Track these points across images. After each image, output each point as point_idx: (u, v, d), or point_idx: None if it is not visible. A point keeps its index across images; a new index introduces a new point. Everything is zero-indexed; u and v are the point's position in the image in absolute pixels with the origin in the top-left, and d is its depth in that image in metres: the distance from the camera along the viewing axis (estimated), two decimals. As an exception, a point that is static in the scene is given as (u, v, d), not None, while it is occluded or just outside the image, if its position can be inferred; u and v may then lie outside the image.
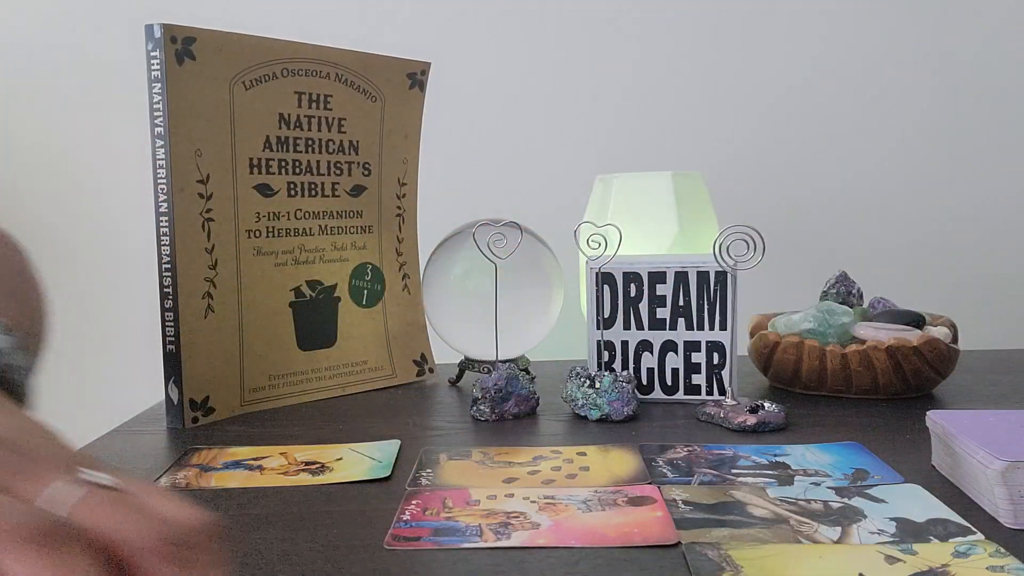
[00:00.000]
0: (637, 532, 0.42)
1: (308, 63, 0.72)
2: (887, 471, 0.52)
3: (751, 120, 1.14)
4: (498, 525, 0.44)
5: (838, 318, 0.72)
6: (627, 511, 0.45)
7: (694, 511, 0.45)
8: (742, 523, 0.44)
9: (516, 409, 0.67)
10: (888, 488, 0.49)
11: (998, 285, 1.15)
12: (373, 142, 0.78)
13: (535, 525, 0.44)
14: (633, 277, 0.70)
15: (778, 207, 1.15)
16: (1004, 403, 0.69)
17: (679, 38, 1.13)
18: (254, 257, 0.71)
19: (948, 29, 1.13)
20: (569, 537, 0.42)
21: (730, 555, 0.39)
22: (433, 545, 0.42)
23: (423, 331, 0.83)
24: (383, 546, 0.42)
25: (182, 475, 0.54)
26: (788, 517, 0.44)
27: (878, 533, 0.42)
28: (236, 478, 0.53)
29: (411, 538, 0.42)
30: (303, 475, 0.53)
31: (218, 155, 0.67)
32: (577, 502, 0.47)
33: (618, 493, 0.48)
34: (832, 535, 0.42)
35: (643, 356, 0.71)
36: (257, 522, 0.46)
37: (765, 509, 0.46)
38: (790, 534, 0.42)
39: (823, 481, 0.50)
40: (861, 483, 0.50)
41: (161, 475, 0.54)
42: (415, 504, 0.47)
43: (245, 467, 0.55)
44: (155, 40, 0.63)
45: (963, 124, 1.14)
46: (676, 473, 0.52)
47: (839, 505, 0.46)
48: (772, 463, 0.54)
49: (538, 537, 0.42)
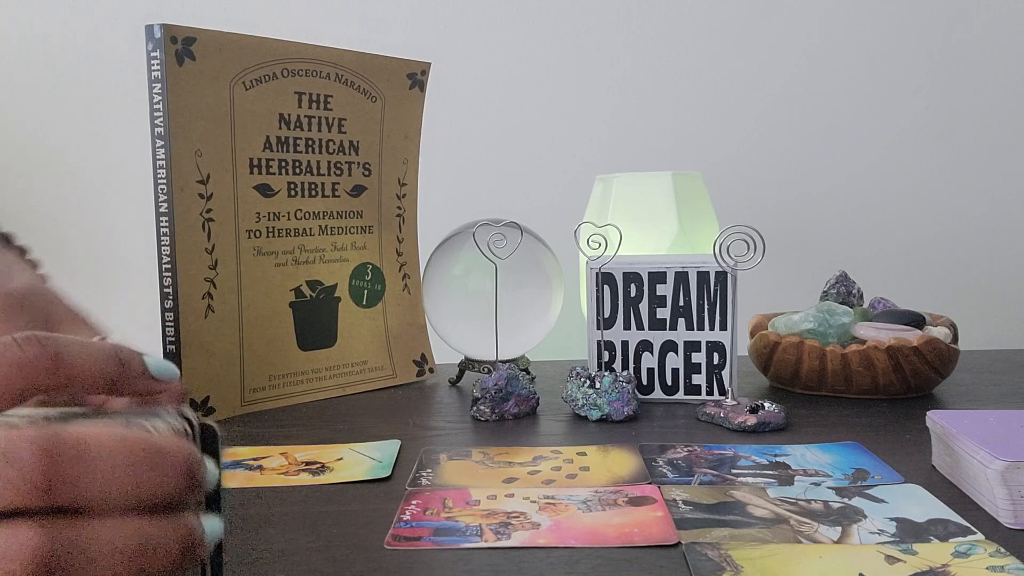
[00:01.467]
0: (637, 532, 0.42)
1: (308, 63, 0.72)
2: (887, 471, 0.52)
3: (751, 120, 1.14)
4: (498, 525, 0.44)
5: (838, 318, 0.72)
6: (627, 511, 0.45)
7: (694, 511, 0.45)
8: (742, 523, 0.44)
9: (516, 409, 0.67)
10: (888, 488, 0.49)
11: (998, 285, 1.15)
12: (373, 142, 0.78)
13: (535, 525, 0.44)
14: (633, 277, 0.70)
15: (778, 207, 1.15)
16: (1004, 403, 0.69)
17: (679, 38, 1.13)
18: (254, 257, 0.71)
19: (948, 29, 1.13)
20: (569, 537, 0.42)
21: (730, 555, 0.39)
22: (433, 545, 0.42)
23: (423, 331, 0.83)
24: (383, 546, 0.42)
25: None
26: (788, 517, 0.45)
27: (878, 533, 0.42)
28: (236, 478, 0.53)
29: (411, 538, 0.42)
30: (303, 475, 0.53)
31: (218, 155, 0.67)
32: (577, 502, 0.47)
33: (618, 493, 0.48)
34: (832, 535, 0.42)
35: (643, 356, 0.71)
36: (257, 522, 0.46)
37: (765, 509, 0.46)
38: (790, 534, 0.42)
39: (823, 481, 0.50)
40: (861, 483, 0.50)
41: None
42: (415, 504, 0.47)
43: (245, 467, 0.55)
44: (155, 40, 0.63)
45: (963, 124, 1.14)
46: (676, 473, 0.52)
47: (839, 505, 0.46)
48: (772, 463, 0.54)
49: (538, 537, 0.42)
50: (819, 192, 1.15)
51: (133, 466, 0.24)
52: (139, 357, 0.31)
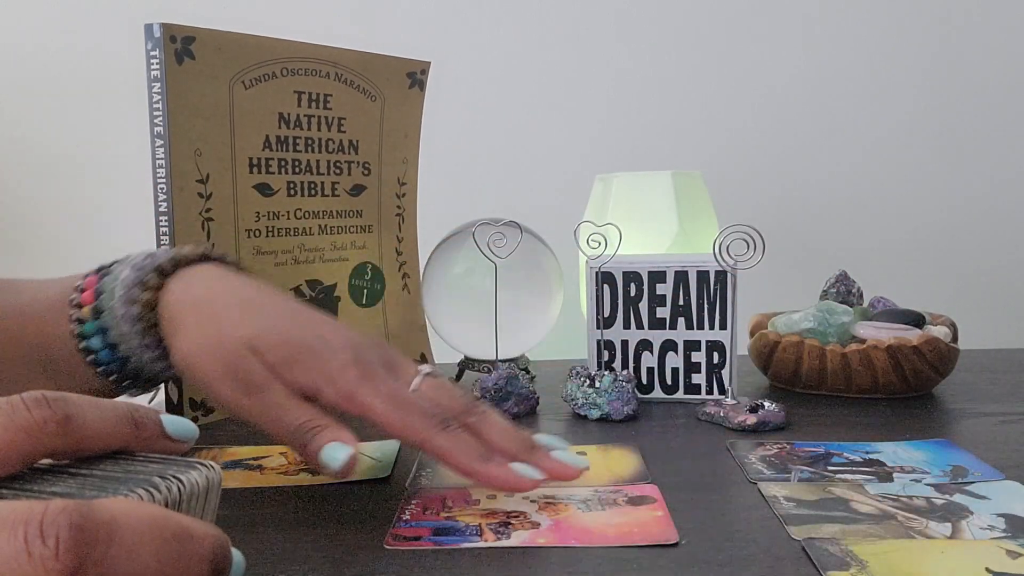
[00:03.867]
0: (637, 531, 0.42)
1: (308, 62, 0.72)
2: (985, 468, 0.51)
3: (751, 120, 1.14)
4: (498, 524, 0.44)
5: (838, 317, 0.72)
6: (627, 510, 0.45)
7: (798, 507, 0.45)
8: (850, 519, 0.43)
9: (516, 409, 0.67)
10: (988, 485, 0.48)
11: (998, 284, 1.15)
12: (373, 141, 0.78)
13: (535, 524, 0.44)
14: (633, 277, 0.70)
15: (778, 207, 1.15)
16: (1004, 402, 0.69)
17: (679, 37, 1.13)
18: (254, 257, 0.71)
19: (948, 28, 1.13)
20: (569, 536, 0.42)
21: (852, 550, 0.39)
22: (433, 545, 0.41)
23: (423, 331, 0.83)
24: (383, 546, 0.42)
25: None
26: (894, 513, 0.44)
27: (989, 529, 0.42)
28: (236, 478, 0.53)
29: (411, 537, 0.42)
30: (303, 475, 0.53)
31: (218, 155, 0.67)
32: (577, 501, 0.47)
33: (618, 492, 0.48)
34: (943, 531, 0.42)
35: (643, 356, 0.71)
36: (256, 522, 0.46)
37: (869, 505, 0.45)
38: (901, 530, 0.42)
39: (922, 478, 0.50)
40: (961, 480, 0.49)
41: None
42: (415, 504, 0.47)
43: (245, 467, 0.55)
44: (155, 40, 0.63)
45: (963, 123, 1.14)
46: (772, 470, 0.52)
47: (942, 501, 0.46)
48: (866, 460, 0.54)
49: (538, 536, 0.42)
50: (819, 191, 1.15)
51: (161, 551, 0.24)
52: (155, 418, 0.31)
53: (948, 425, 0.63)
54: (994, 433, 0.60)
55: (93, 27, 1.13)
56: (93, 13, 1.12)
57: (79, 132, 1.14)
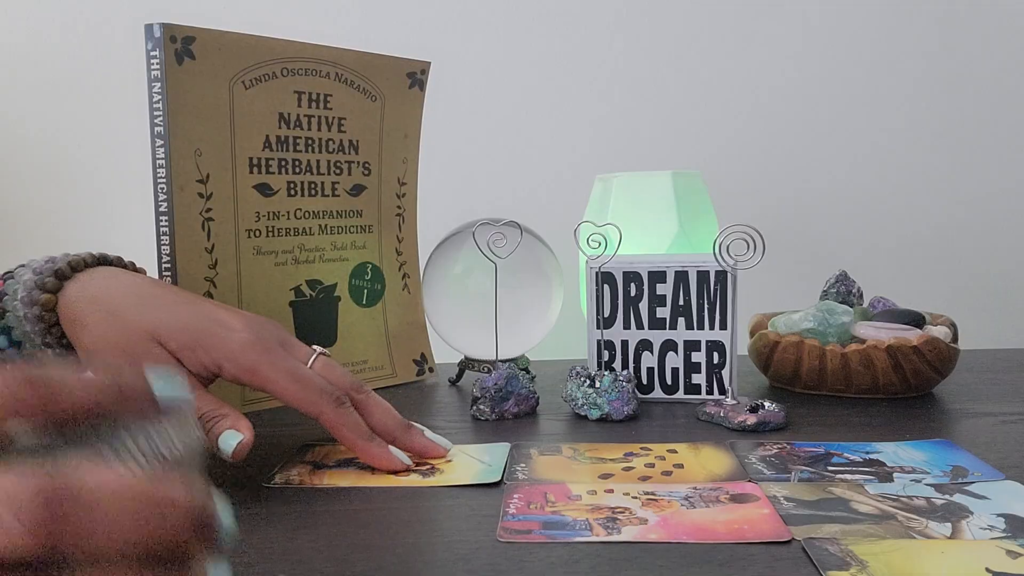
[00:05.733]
0: (748, 528, 0.42)
1: (308, 62, 0.72)
2: (985, 468, 0.51)
3: (751, 120, 1.14)
4: (605, 520, 0.44)
5: (838, 317, 0.72)
6: (732, 508, 0.46)
7: (798, 507, 0.45)
8: (850, 519, 0.44)
9: (516, 408, 0.67)
10: (988, 485, 0.49)
11: (998, 285, 1.15)
12: (373, 141, 0.78)
13: (642, 520, 0.44)
14: (633, 276, 0.70)
15: (778, 207, 1.15)
16: (1005, 403, 0.69)
17: (679, 37, 1.13)
18: (254, 257, 0.71)
19: (948, 28, 1.13)
20: (680, 533, 0.42)
21: (852, 550, 0.39)
22: (545, 539, 0.42)
23: (423, 331, 0.83)
24: (496, 539, 0.42)
25: (295, 471, 0.54)
26: (894, 513, 0.44)
27: (989, 529, 0.42)
28: (348, 477, 0.53)
29: (521, 531, 0.43)
30: (414, 476, 0.53)
31: (218, 155, 0.67)
32: (679, 498, 0.47)
33: (719, 490, 0.48)
34: (943, 531, 0.42)
35: (643, 355, 0.71)
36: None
37: (869, 505, 0.46)
38: (901, 530, 0.42)
39: (922, 478, 0.50)
40: (961, 480, 0.49)
41: (275, 471, 0.54)
42: (517, 498, 0.47)
43: (357, 466, 0.55)
44: (155, 39, 0.63)
45: (963, 123, 1.14)
46: (772, 470, 0.52)
47: (942, 501, 0.46)
48: (866, 460, 0.54)
49: (648, 532, 0.42)
50: (819, 191, 1.15)
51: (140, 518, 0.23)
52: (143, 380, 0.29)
53: (948, 425, 0.63)
54: (994, 433, 0.60)
55: (93, 27, 1.12)
56: (93, 13, 1.12)
57: (79, 132, 1.14)
